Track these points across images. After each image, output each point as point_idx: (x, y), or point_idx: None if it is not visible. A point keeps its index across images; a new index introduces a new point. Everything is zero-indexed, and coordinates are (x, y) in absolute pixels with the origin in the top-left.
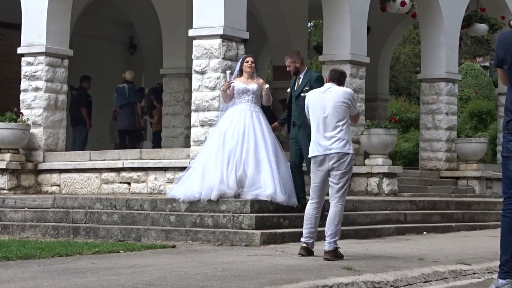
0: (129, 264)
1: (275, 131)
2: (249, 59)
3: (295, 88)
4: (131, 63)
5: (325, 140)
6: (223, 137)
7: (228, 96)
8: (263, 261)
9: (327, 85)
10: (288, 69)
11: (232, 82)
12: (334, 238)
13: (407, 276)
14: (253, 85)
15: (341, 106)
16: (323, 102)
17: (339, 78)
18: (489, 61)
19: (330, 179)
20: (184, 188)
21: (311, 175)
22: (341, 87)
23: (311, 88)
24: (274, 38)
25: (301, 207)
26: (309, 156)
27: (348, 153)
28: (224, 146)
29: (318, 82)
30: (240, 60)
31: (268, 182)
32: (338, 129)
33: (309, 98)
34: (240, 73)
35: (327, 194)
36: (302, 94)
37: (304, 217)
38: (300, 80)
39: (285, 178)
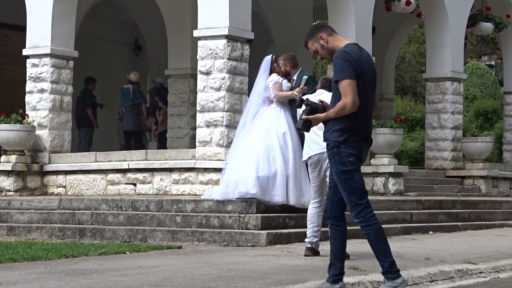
0: (135, 265)
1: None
2: (279, 58)
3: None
4: (136, 64)
5: (318, 140)
6: (283, 138)
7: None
8: (269, 261)
9: (319, 91)
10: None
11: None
12: None
13: (414, 275)
14: (289, 83)
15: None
16: None
17: (330, 86)
18: (494, 60)
19: (327, 179)
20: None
21: (309, 175)
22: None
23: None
24: (279, 38)
25: None
26: (303, 159)
27: None
28: (287, 148)
29: (310, 83)
30: (269, 60)
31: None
32: None
33: None
34: (272, 72)
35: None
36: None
37: (307, 217)
38: (294, 82)
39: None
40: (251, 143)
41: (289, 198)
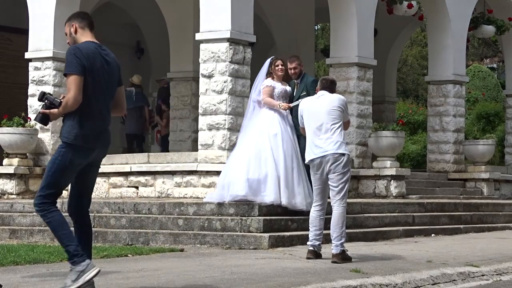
0: (137, 268)
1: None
2: (279, 62)
3: (294, 93)
4: (138, 67)
5: (319, 142)
6: (274, 140)
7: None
8: (271, 264)
9: (320, 92)
10: (293, 71)
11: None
12: (340, 240)
13: (416, 278)
14: (287, 87)
15: (335, 110)
16: (317, 107)
17: (330, 86)
18: (496, 63)
19: (329, 182)
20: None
21: (311, 178)
22: (334, 94)
23: (308, 93)
24: (281, 41)
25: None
26: (306, 161)
27: (343, 154)
28: (278, 149)
29: (315, 86)
30: (268, 62)
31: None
32: (332, 131)
33: (303, 105)
34: (269, 75)
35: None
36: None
37: (309, 220)
38: (299, 85)
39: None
40: (245, 146)
41: (281, 198)
